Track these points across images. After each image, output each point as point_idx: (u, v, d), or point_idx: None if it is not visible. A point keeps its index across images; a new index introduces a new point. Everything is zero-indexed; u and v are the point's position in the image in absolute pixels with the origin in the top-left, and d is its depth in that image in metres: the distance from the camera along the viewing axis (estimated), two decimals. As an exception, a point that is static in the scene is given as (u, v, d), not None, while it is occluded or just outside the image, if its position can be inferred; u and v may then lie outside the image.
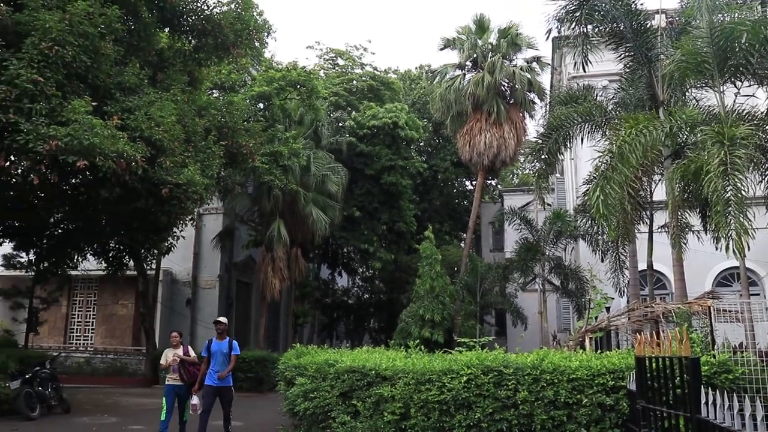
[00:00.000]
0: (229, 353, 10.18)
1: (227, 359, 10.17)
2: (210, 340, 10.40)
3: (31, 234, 16.37)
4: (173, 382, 10.61)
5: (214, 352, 10.17)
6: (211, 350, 10.22)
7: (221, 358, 10.12)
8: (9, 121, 11.27)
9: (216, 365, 10.10)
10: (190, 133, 14.13)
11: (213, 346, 10.25)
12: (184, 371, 10.57)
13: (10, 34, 12.20)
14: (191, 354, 10.88)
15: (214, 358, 10.14)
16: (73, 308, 27.38)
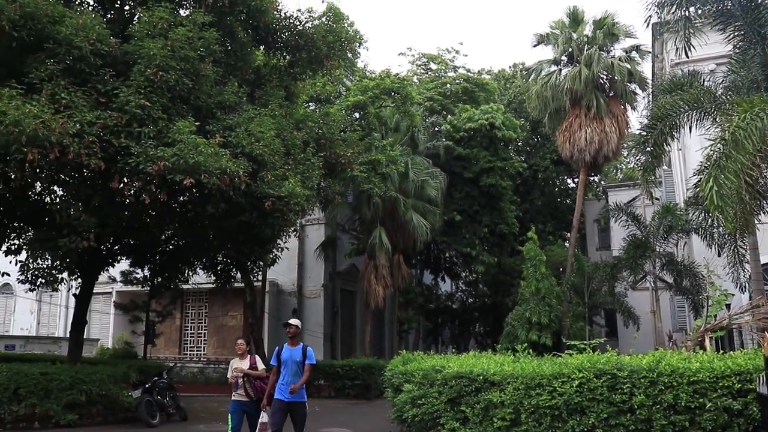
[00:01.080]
0: (302, 362, 8.71)
1: (300, 369, 8.70)
2: (280, 347, 8.94)
3: (145, 251, 17.19)
4: (239, 398, 9.61)
5: (285, 360, 8.74)
6: (281, 358, 8.80)
7: (294, 368, 8.67)
8: (121, 145, 11.91)
9: (287, 376, 8.67)
10: (290, 147, 14.42)
11: (284, 353, 8.81)
12: (250, 386, 9.58)
13: (120, 64, 12.92)
14: (259, 366, 9.76)
15: (285, 367, 8.73)
16: (186, 320, 28.61)
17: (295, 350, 8.78)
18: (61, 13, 12.33)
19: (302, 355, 8.74)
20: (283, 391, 8.63)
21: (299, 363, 8.70)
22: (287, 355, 8.75)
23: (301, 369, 8.70)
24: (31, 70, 11.93)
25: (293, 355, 8.73)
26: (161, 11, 13.22)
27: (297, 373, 8.66)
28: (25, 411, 12.80)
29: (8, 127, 10.56)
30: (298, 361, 8.70)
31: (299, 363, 8.70)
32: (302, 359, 8.72)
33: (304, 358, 8.73)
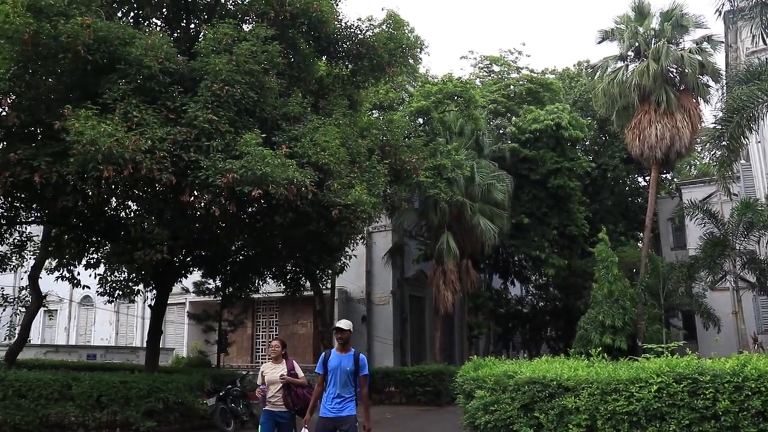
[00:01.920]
0: (355, 371, 7.36)
1: (351, 380, 7.36)
2: (327, 353, 7.58)
3: (217, 262, 17.58)
4: (273, 408, 8.39)
5: (333, 369, 7.35)
6: (328, 366, 7.40)
7: (343, 378, 7.31)
8: (191, 160, 12.21)
9: (335, 387, 7.31)
10: (355, 155, 14.50)
11: (331, 360, 7.42)
12: (291, 396, 8.38)
13: (187, 81, 13.27)
14: (298, 372, 8.52)
15: (333, 377, 7.34)
16: (257, 329, 29.12)
17: (346, 357, 7.40)
18: (131, 35, 12.76)
19: (354, 363, 7.36)
20: (331, 406, 7.32)
21: (350, 373, 7.34)
22: (335, 363, 7.36)
23: (351, 380, 7.37)
24: (105, 91, 12.37)
25: (343, 363, 7.36)
26: (225, 27, 13.52)
27: (347, 385, 7.35)
28: (107, 418, 13.31)
29: (85, 146, 11.00)
30: (348, 370, 7.33)
31: (350, 373, 7.34)
32: (354, 368, 7.35)
33: (356, 367, 7.36)
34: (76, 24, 11.77)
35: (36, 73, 12.81)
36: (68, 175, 11.75)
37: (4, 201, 15.07)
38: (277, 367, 8.46)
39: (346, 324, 7.54)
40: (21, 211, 15.78)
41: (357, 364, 7.38)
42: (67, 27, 11.70)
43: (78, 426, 13.18)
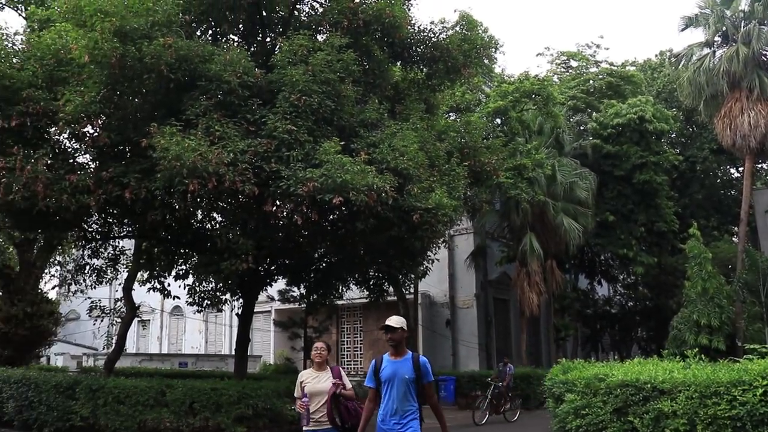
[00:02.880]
0: (416, 379, 5.92)
1: (411, 390, 5.90)
2: (377, 360, 6.17)
3: (300, 270, 17.80)
4: (317, 427, 6.64)
5: (388, 378, 5.95)
6: (381, 376, 6.01)
7: (401, 389, 5.87)
8: (272, 170, 12.42)
9: (392, 401, 5.90)
10: (433, 158, 14.43)
11: (384, 369, 6.01)
12: (340, 411, 6.59)
13: (265, 93, 13.52)
14: (346, 383, 6.75)
15: (389, 389, 5.94)
16: (342, 335, 29.38)
17: (402, 363, 5.97)
18: (210, 52, 13.10)
19: (414, 369, 5.92)
20: (389, 426, 5.95)
21: (409, 382, 5.89)
22: (390, 372, 5.94)
23: (412, 391, 5.91)
24: (188, 108, 12.74)
25: (399, 370, 5.92)
26: (300, 39, 13.70)
27: (407, 397, 5.89)
28: (199, 423, 13.64)
29: (171, 162, 11.36)
30: (407, 379, 5.89)
31: (409, 382, 5.89)
32: (414, 376, 5.91)
33: (417, 373, 5.92)
34: (158, 45, 12.18)
35: (123, 95, 13.33)
36: (156, 191, 12.15)
37: (98, 217, 15.74)
38: (320, 374, 6.77)
39: (398, 321, 6.02)
40: (114, 226, 16.47)
41: (418, 370, 5.91)
42: (151, 49, 12.12)
43: (173, 431, 13.59)
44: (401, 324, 6.01)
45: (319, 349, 6.88)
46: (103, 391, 13.96)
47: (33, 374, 15.81)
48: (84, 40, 12.53)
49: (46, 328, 22.42)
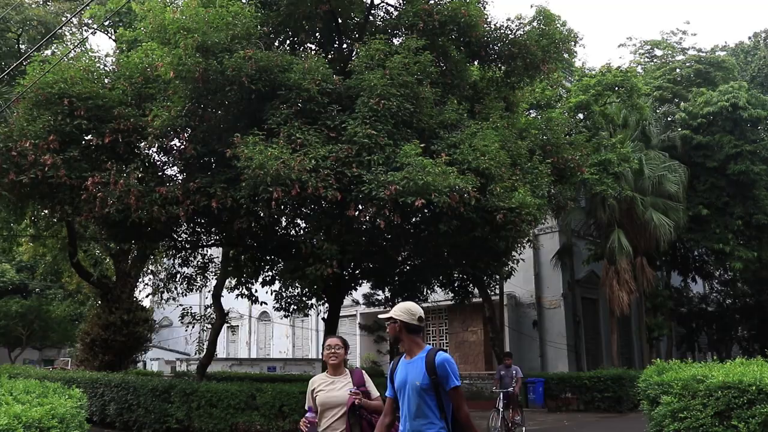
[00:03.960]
0: (433, 385, 4.37)
1: (428, 401, 4.39)
2: (395, 360, 4.73)
3: (384, 273, 17.84)
4: None
5: (400, 386, 4.55)
6: (395, 380, 4.61)
7: (414, 400, 4.41)
8: (353, 175, 12.48)
9: (404, 418, 4.52)
10: (515, 157, 14.18)
11: (398, 372, 4.61)
12: (362, 429, 5.15)
13: (344, 99, 13.62)
14: (371, 390, 5.34)
15: (402, 399, 4.53)
16: (427, 338, 29.27)
17: (412, 365, 4.47)
18: (289, 62, 13.30)
19: (427, 372, 4.36)
20: None
21: (423, 390, 4.36)
22: (402, 377, 4.53)
23: (429, 402, 4.37)
24: (269, 117, 12.97)
25: (410, 374, 4.44)
26: (377, 43, 13.73)
27: (421, 411, 4.38)
28: (289, 426, 13.84)
29: (255, 171, 11.58)
30: (419, 386, 4.36)
31: (423, 390, 4.36)
32: (428, 381, 4.35)
33: (432, 377, 4.34)
34: (239, 58, 12.45)
35: (207, 107, 13.70)
36: (241, 199, 12.41)
37: (187, 227, 16.26)
38: (337, 380, 5.24)
39: (395, 310, 4.57)
40: (202, 235, 16.96)
41: (433, 373, 4.31)
42: (232, 61, 12.40)
43: (263, 433, 13.88)
44: (398, 313, 4.50)
45: (333, 347, 5.27)
46: (197, 394, 14.47)
47: (131, 378, 16.54)
48: (169, 57, 12.99)
49: (142, 335, 23.39)
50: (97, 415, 16.17)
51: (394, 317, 4.54)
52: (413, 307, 4.57)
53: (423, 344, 4.57)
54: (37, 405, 6.89)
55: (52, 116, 13.50)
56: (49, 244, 26.34)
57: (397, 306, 4.64)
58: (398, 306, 4.63)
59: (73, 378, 16.71)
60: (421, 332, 4.64)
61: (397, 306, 4.65)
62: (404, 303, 4.62)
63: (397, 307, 4.62)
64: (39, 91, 13.42)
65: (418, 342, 4.56)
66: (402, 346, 4.59)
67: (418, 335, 4.58)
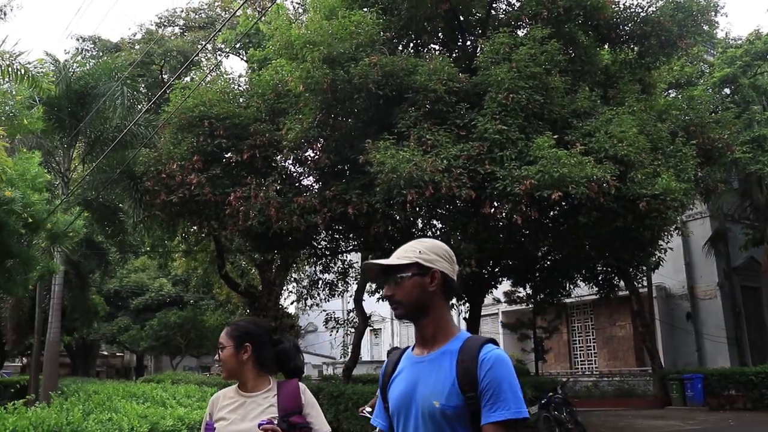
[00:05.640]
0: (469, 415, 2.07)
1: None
2: (391, 359, 2.46)
3: (524, 270, 17.47)
4: None
5: (403, 405, 2.21)
6: (389, 396, 2.31)
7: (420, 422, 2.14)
8: (486, 172, 12.32)
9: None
10: (656, 141, 13.45)
11: (396, 380, 2.30)
12: None
13: (471, 96, 13.48)
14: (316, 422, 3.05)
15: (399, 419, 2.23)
16: (573, 334, 28.38)
17: (434, 365, 2.20)
18: (414, 64, 13.34)
19: (460, 381, 2.10)
20: None
21: (443, 417, 2.09)
22: (402, 390, 2.24)
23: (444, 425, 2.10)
24: (398, 120, 13.07)
25: (423, 383, 2.18)
26: (501, 37, 13.49)
27: None
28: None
29: (388, 175, 11.70)
30: (440, 409, 2.10)
31: (443, 417, 2.09)
32: (460, 401, 2.09)
33: (469, 393, 2.08)
34: (364, 65, 12.65)
35: (337, 117, 14.02)
36: (376, 204, 12.59)
37: (325, 234, 16.72)
38: (249, 401, 3.11)
39: (430, 251, 2.28)
40: (340, 241, 17.40)
41: (469, 386, 2.10)
42: (358, 70, 12.62)
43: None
44: (431, 256, 2.27)
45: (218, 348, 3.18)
46: (344, 397, 14.85)
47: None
48: (297, 72, 13.46)
49: (289, 341, 24.24)
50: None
51: (424, 262, 2.22)
52: (446, 248, 2.31)
53: (455, 325, 2.29)
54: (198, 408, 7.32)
55: (195, 138, 14.35)
56: (200, 258, 27.99)
57: (417, 244, 2.29)
58: (420, 244, 2.29)
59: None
60: (453, 296, 2.40)
61: (414, 245, 2.29)
62: (427, 240, 2.33)
63: (419, 245, 2.28)
64: (182, 116, 14.31)
65: (448, 320, 2.28)
66: (420, 327, 2.28)
67: (448, 305, 2.35)
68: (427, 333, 2.26)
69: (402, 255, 2.27)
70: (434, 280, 2.22)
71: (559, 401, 14.75)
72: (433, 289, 2.22)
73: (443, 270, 2.24)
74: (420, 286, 2.22)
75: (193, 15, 28.62)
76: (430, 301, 2.23)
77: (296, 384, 3.10)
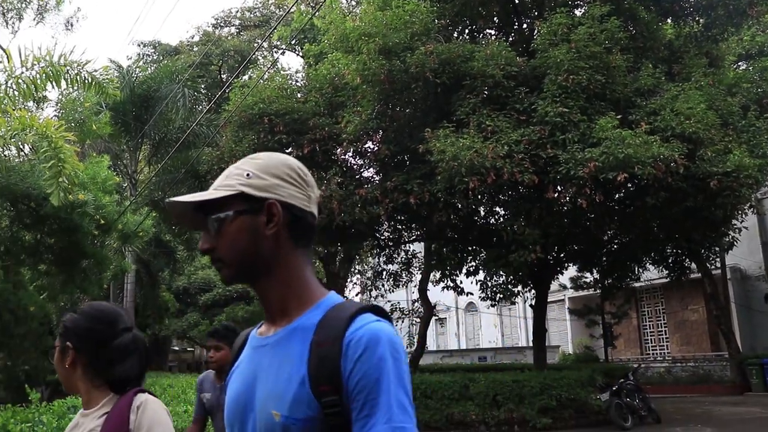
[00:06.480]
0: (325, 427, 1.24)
1: None
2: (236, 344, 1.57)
3: (591, 254, 17.13)
4: None
5: (238, 413, 1.39)
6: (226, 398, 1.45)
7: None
8: (548, 156, 12.13)
9: None
10: (726, 116, 13.00)
11: (235, 374, 1.45)
12: None
13: (530, 80, 13.29)
14: None
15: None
16: (643, 319, 27.72)
17: (282, 350, 1.35)
18: (470, 50, 13.22)
19: (312, 373, 1.27)
20: None
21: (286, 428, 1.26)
22: (234, 391, 1.42)
23: None
24: (457, 108, 12.98)
25: (258, 388, 1.35)
26: (558, 18, 13.23)
27: None
28: (504, 416, 13.89)
29: (449, 163, 11.63)
30: (275, 425, 1.27)
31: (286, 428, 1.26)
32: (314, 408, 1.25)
33: (322, 396, 1.25)
34: (420, 54, 12.61)
35: (395, 107, 14.03)
36: (438, 193, 12.53)
37: (388, 225, 16.76)
38: (83, 422, 2.11)
39: (225, 179, 1.41)
40: (403, 232, 17.41)
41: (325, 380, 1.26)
42: (414, 59, 12.59)
43: (479, 423, 14.02)
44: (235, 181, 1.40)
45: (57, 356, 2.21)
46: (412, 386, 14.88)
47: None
48: (354, 64, 13.49)
49: (356, 333, 24.45)
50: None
51: (254, 191, 1.39)
52: (292, 163, 1.46)
53: (318, 286, 1.45)
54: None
55: (255, 135, 14.56)
56: (265, 253, 28.41)
57: (246, 164, 1.44)
58: (249, 163, 1.43)
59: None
60: (312, 240, 1.50)
61: (243, 164, 1.44)
62: (262, 155, 1.46)
63: (248, 164, 1.43)
64: (242, 114, 14.55)
65: (306, 278, 1.44)
66: (261, 294, 1.44)
67: (306, 254, 1.46)
68: (272, 301, 1.40)
69: (221, 184, 1.40)
70: (273, 218, 1.37)
71: (631, 388, 14.46)
72: (271, 232, 1.37)
73: (287, 200, 1.39)
74: (250, 230, 1.37)
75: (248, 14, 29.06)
76: (269, 251, 1.38)
77: (130, 400, 2.06)
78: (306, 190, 1.43)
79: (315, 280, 1.44)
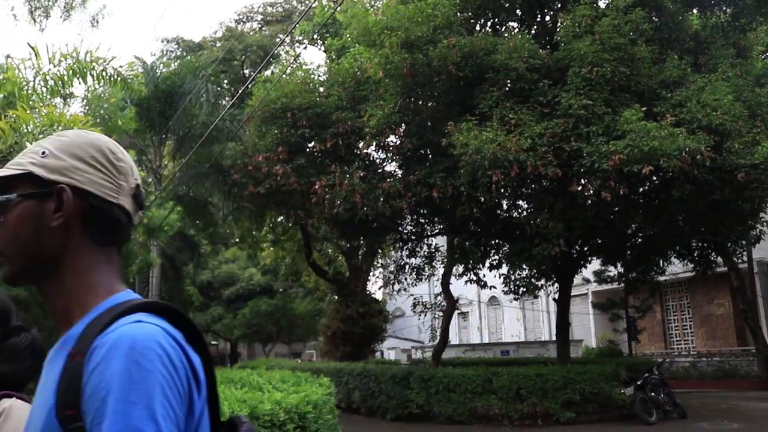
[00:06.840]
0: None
1: None
2: None
3: (615, 248, 17.01)
4: None
5: None
6: None
7: None
8: (572, 149, 12.07)
9: None
10: (754, 107, 12.83)
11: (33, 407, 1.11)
12: None
13: (554, 72, 13.22)
14: None
15: None
16: (667, 313, 27.47)
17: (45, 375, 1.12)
18: (493, 43, 13.16)
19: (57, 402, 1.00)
20: None
21: None
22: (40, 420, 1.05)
23: None
24: (479, 101, 12.95)
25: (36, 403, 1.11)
26: (582, 9, 13.12)
27: None
28: (527, 409, 13.94)
29: (472, 156, 11.62)
30: None
31: None
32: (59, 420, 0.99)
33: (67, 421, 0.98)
34: (443, 47, 12.58)
35: (418, 101, 14.03)
36: (461, 186, 12.54)
37: (411, 219, 16.78)
38: None
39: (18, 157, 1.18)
40: (426, 225, 17.43)
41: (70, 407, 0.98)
42: (436, 52, 12.57)
43: (502, 417, 14.10)
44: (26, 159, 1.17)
45: None
46: (434, 380, 14.94)
47: (371, 367, 17.48)
48: (376, 58, 13.51)
49: (377, 326, 24.59)
50: (344, 402, 17.28)
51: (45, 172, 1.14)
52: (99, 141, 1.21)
53: (107, 286, 1.17)
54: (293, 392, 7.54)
55: (279, 129, 14.65)
56: (287, 247, 28.64)
57: (47, 141, 1.20)
58: (51, 140, 1.20)
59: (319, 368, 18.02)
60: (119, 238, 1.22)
61: (43, 142, 1.21)
62: (69, 133, 1.22)
63: (49, 142, 1.20)
64: (265, 109, 14.64)
65: (97, 280, 1.17)
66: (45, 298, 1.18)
67: (102, 251, 1.19)
68: (56, 309, 1.16)
69: (13, 161, 1.19)
70: (63, 205, 1.13)
71: (655, 382, 14.36)
72: (57, 222, 1.13)
73: (83, 186, 1.15)
74: (35, 218, 1.14)
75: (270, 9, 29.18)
76: (54, 246, 1.15)
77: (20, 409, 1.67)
78: (115, 178, 1.18)
79: (109, 284, 1.16)
